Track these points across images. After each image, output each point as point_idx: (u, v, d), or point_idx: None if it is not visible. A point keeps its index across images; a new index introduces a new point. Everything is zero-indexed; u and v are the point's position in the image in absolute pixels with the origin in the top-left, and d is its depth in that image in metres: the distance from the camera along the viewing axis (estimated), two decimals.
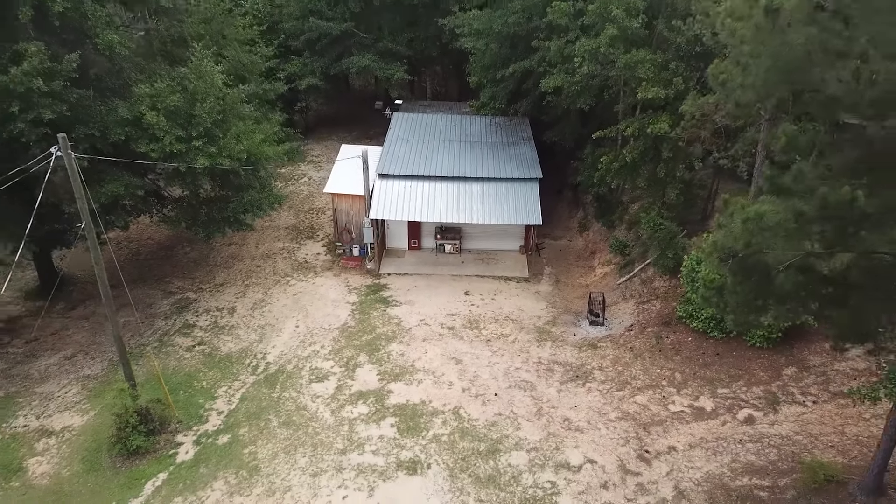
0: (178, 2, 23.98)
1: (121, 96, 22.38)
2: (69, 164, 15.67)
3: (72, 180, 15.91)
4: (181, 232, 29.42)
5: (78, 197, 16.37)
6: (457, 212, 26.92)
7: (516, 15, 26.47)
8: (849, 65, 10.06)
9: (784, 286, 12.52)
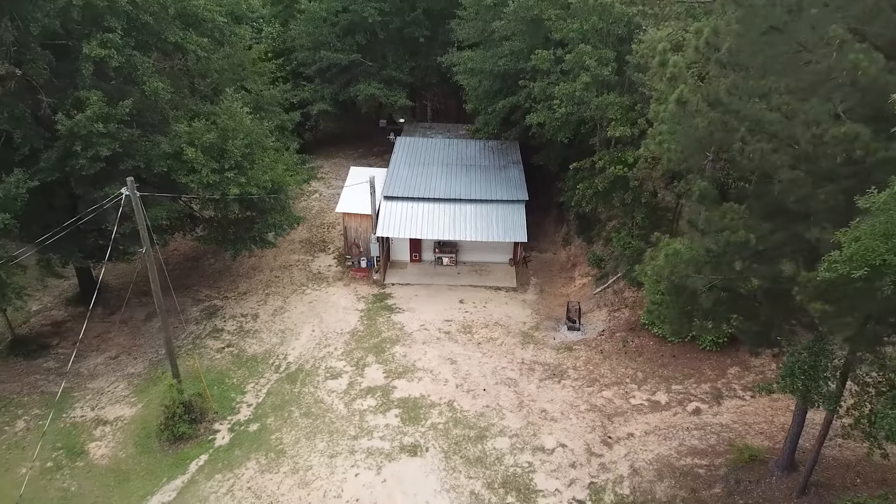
0: (209, 47, 27.46)
1: (161, 132, 25.88)
2: (135, 202, 19.16)
3: (136, 214, 19.40)
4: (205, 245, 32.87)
5: (141, 227, 19.84)
6: (453, 230, 30.41)
7: (505, 58, 29.99)
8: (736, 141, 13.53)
9: (705, 304, 16.00)
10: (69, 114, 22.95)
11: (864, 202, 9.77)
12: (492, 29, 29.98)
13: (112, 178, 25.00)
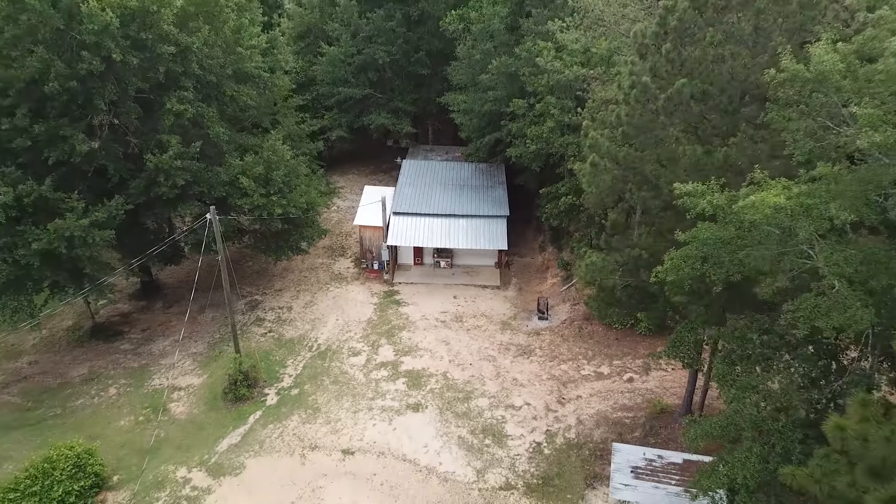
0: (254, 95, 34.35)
1: (219, 164, 32.77)
2: (216, 224, 26.07)
3: (216, 234, 26.30)
4: (243, 250, 39.71)
5: (218, 240, 26.75)
6: (448, 239, 37.32)
7: (489, 103, 36.88)
8: (628, 190, 20.40)
9: (621, 298, 22.92)
10: (154, 153, 29.85)
11: (679, 237, 16.55)
12: (479, 79, 36.87)
13: (183, 200, 32.07)
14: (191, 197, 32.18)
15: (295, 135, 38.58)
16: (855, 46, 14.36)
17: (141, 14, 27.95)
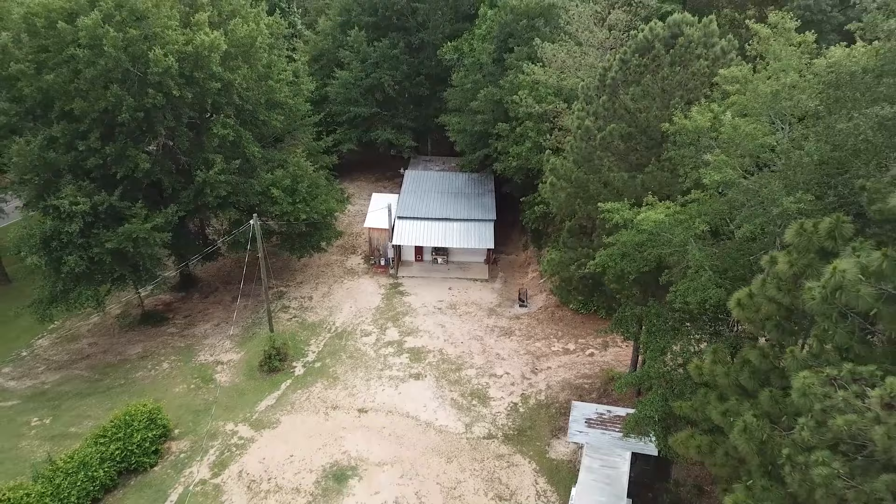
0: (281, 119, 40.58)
1: (252, 177, 39.00)
2: (258, 228, 32.30)
3: (258, 236, 32.53)
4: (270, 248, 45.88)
5: (258, 241, 32.97)
6: (444, 239, 43.55)
7: (479, 124, 43.12)
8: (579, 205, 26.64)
9: (578, 287, 29.09)
10: (202, 169, 36.08)
11: (605, 240, 22.75)
12: (470, 104, 43.11)
13: (223, 207, 38.36)
14: (230, 205, 38.46)
15: (313, 150, 44.80)
16: (722, 108, 20.59)
17: (194, 57, 34.15)
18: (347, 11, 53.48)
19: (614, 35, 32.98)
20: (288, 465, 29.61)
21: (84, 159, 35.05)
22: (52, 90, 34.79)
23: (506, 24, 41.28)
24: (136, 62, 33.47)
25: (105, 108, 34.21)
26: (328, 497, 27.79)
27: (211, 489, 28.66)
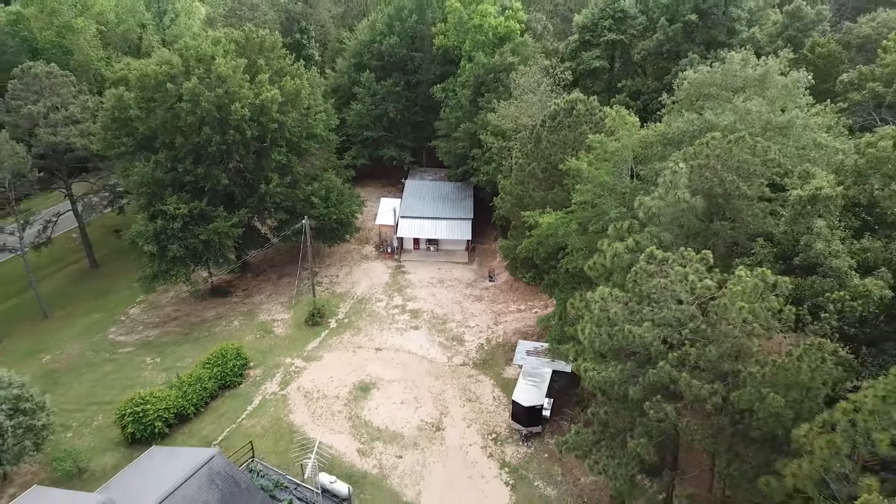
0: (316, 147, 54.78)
1: (296, 188, 53.20)
2: (306, 228, 46.63)
3: (306, 232, 46.86)
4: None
5: (306, 238, 47.31)
6: (435, 233, 57.97)
7: (460, 148, 57.34)
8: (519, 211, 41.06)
9: (522, 264, 43.76)
10: (263, 184, 50.32)
11: (528, 234, 37.00)
12: (454, 134, 57.41)
13: (277, 210, 52.59)
14: (281, 208, 52.72)
15: (336, 165, 59.08)
16: (589, 158, 34.92)
17: (260, 107, 48.34)
18: (359, 55, 67.52)
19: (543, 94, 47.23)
20: (329, 382, 44.06)
21: (181, 177, 49.35)
22: (157, 129, 49.05)
23: (479, 75, 55.56)
24: (221, 111, 47.66)
25: (197, 142, 48.43)
26: (357, 400, 42.30)
27: (280, 397, 43.11)
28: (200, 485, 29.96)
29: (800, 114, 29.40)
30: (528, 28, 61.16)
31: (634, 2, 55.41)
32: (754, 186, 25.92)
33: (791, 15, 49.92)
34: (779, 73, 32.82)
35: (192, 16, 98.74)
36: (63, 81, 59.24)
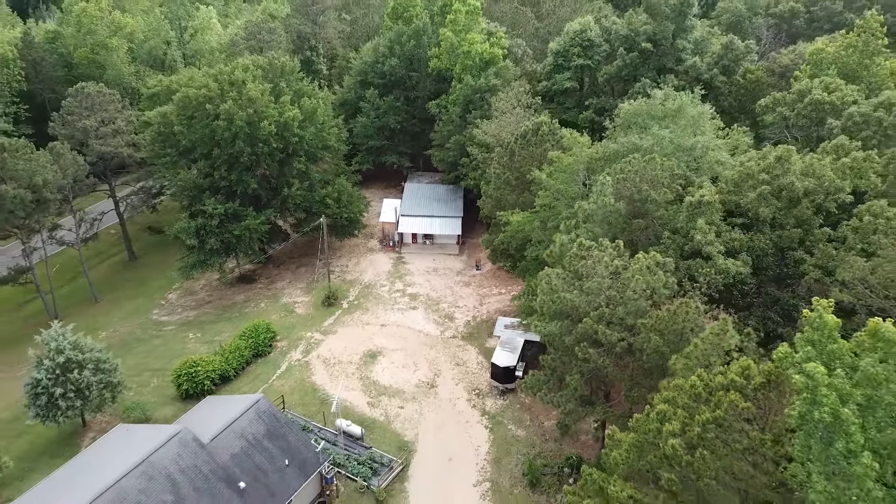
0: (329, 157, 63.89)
1: (313, 191, 62.31)
2: (324, 226, 55.78)
3: (323, 228, 56.00)
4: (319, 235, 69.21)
5: (323, 233, 56.47)
6: (430, 229, 67.16)
7: (451, 157, 66.43)
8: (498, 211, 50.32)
9: (501, 254, 53.13)
10: (285, 188, 59.44)
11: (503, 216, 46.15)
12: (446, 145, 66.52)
13: (296, 210, 61.72)
14: (300, 208, 61.82)
15: (346, 171, 68.20)
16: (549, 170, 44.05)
17: (284, 124, 57.41)
18: (364, 74, 76.44)
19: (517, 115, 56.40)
20: (343, 351, 53.27)
21: (217, 182, 58.45)
22: (196, 141, 58.12)
23: (467, 95, 64.63)
24: (251, 127, 56.72)
25: (231, 153, 57.51)
26: (366, 365, 51.52)
27: (303, 363, 52.32)
28: (251, 419, 39.17)
29: (701, 139, 38.55)
30: (509, 53, 70.21)
31: (599, 32, 64.44)
32: (661, 194, 35.11)
33: (725, 47, 58.97)
34: (690, 104, 42.01)
35: (210, 32, 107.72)
36: (110, 99, 68.22)
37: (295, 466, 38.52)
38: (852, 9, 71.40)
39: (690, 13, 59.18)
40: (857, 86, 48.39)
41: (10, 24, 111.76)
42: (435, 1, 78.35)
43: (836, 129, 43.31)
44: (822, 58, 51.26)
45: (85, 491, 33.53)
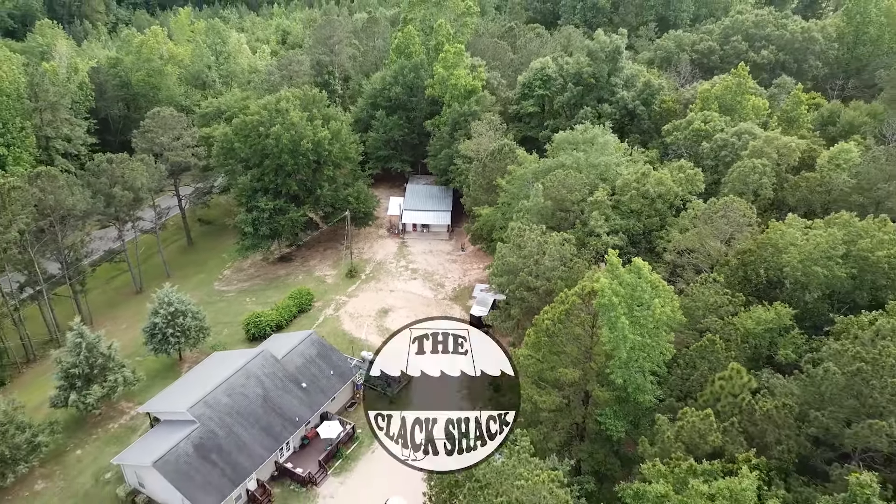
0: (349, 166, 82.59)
1: (338, 192, 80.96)
2: (349, 218, 74.50)
3: (348, 220, 74.72)
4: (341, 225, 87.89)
5: (348, 222, 75.23)
6: (426, 220, 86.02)
7: (442, 164, 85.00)
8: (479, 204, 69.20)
9: (479, 238, 72.22)
10: (318, 189, 78.15)
11: (478, 210, 64.76)
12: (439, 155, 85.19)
13: (325, 205, 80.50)
14: (328, 205, 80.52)
15: (361, 175, 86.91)
16: (510, 178, 62.84)
17: (317, 142, 76.05)
18: (374, 97, 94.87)
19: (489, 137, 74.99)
20: (363, 307, 72.19)
21: (267, 185, 77.15)
22: (251, 154, 76.78)
23: (455, 118, 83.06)
24: (293, 144, 75.31)
25: (278, 163, 76.13)
26: (381, 317, 70.44)
27: (335, 317, 71.26)
28: (307, 345, 58.02)
29: (605, 158, 57.22)
30: (487, 84, 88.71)
31: (556, 69, 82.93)
32: (574, 196, 53.84)
33: (646, 84, 77.50)
34: (601, 134, 60.67)
35: (241, 55, 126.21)
36: (178, 119, 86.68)
37: (337, 375, 57.48)
38: (754, 48, 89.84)
39: (620, 58, 77.76)
40: (730, 116, 67.24)
41: (86, 56, 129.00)
42: (431, 38, 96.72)
43: (706, 149, 62.14)
44: (708, 95, 69.99)
45: (209, 385, 52.28)
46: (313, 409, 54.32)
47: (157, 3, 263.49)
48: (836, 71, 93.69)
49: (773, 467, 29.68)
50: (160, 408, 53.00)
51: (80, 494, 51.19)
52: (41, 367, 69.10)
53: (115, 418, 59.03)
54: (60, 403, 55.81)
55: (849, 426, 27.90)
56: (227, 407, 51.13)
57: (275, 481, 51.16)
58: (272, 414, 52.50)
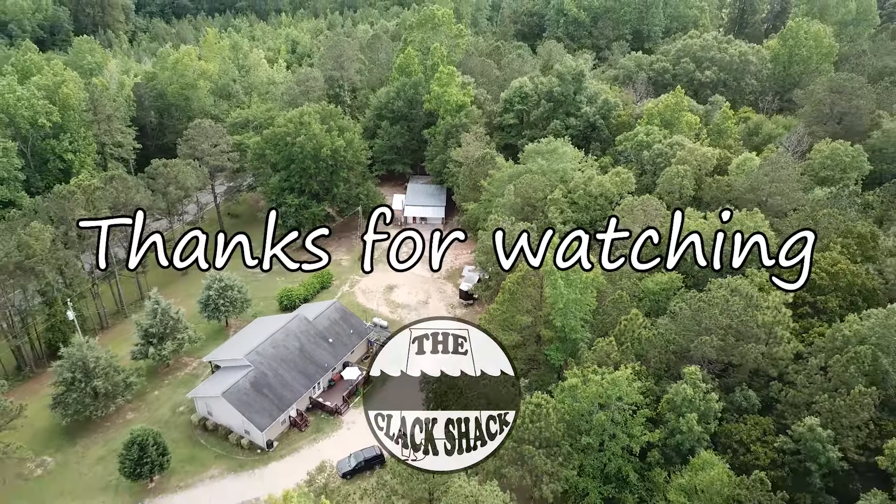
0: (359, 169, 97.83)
1: (352, 190, 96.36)
2: (360, 212, 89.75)
3: (361, 213, 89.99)
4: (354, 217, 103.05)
5: (361, 216, 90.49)
6: (424, 213, 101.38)
7: (437, 167, 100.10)
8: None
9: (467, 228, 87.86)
10: (334, 188, 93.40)
11: (466, 206, 79.98)
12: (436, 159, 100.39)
13: (340, 201, 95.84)
14: (343, 201, 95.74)
15: (369, 176, 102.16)
16: (490, 180, 78.13)
17: (334, 149, 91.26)
18: (379, 109, 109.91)
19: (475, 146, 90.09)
20: (373, 284, 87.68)
21: (292, 185, 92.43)
22: (280, 160, 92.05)
23: (448, 129, 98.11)
24: (314, 151, 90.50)
25: (302, 167, 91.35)
26: (388, 292, 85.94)
27: (350, 292, 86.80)
28: (332, 311, 73.48)
29: (562, 165, 72.42)
30: (475, 99, 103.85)
31: (532, 87, 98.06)
32: (538, 195, 69.14)
33: (604, 101, 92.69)
34: (562, 146, 75.87)
35: (260, 69, 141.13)
36: (217, 129, 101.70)
37: (355, 334, 72.98)
38: (700, 69, 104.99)
39: (584, 79, 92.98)
40: (669, 130, 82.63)
41: (131, 71, 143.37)
42: (428, 59, 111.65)
43: (647, 157, 77.51)
44: (652, 112, 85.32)
45: (258, 339, 67.69)
46: (338, 358, 69.80)
47: (172, 11, 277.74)
48: (767, 88, 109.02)
49: (651, 374, 45.10)
50: (222, 356, 68.43)
51: (161, 421, 66.59)
52: (113, 332, 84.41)
53: (181, 368, 74.48)
54: (140, 356, 71.14)
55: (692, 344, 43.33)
56: (272, 355, 66.58)
57: (309, 412, 66.68)
58: (307, 361, 67.98)
